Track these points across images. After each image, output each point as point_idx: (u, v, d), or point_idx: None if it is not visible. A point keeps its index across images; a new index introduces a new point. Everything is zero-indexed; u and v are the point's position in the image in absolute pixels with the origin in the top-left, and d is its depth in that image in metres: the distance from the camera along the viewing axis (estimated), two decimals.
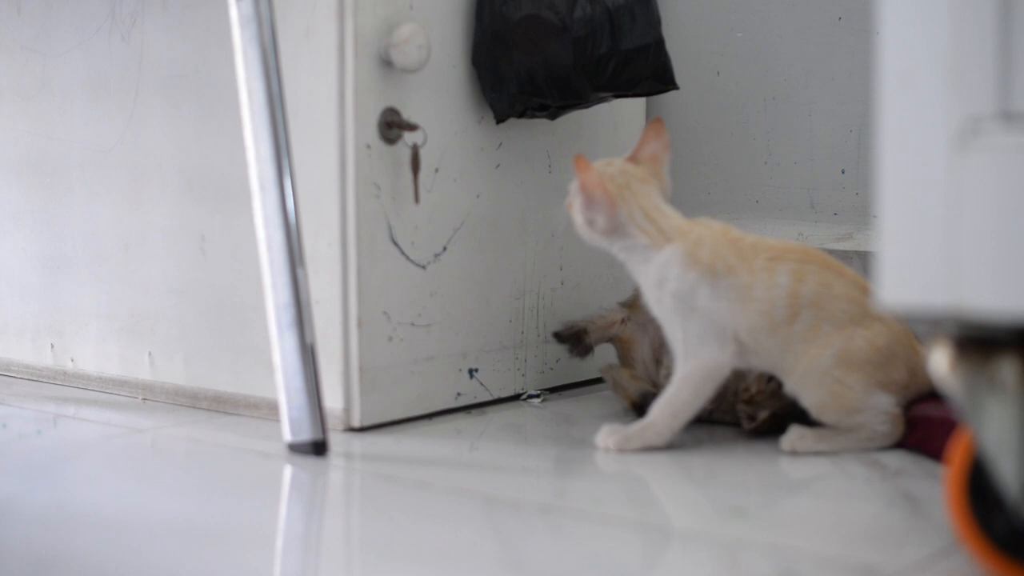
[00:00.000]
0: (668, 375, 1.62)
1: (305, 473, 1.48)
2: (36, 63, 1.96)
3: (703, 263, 1.51)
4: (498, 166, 1.80)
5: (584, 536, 1.26)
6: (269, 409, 1.70)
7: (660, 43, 1.77)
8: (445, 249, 1.73)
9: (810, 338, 1.51)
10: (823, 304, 1.51)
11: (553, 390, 1.90)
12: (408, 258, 1.69)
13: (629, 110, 1.98)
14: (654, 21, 1.76)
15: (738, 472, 1.50)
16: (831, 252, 1.89)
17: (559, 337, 1.84)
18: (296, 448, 1.52)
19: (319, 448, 1.51)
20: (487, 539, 1.25)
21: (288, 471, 1.48)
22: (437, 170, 1.71)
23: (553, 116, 1.77)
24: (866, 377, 1.52)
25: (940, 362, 1.02)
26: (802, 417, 1.55)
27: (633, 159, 1.58)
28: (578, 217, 1.56)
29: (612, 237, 1.55)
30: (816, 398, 1.52)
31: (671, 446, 1.56)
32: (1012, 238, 0.95)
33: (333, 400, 1.63)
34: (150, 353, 1.85)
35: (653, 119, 1.60)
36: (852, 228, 1.91)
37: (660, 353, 1.73)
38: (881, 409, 1.53)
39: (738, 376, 1.62)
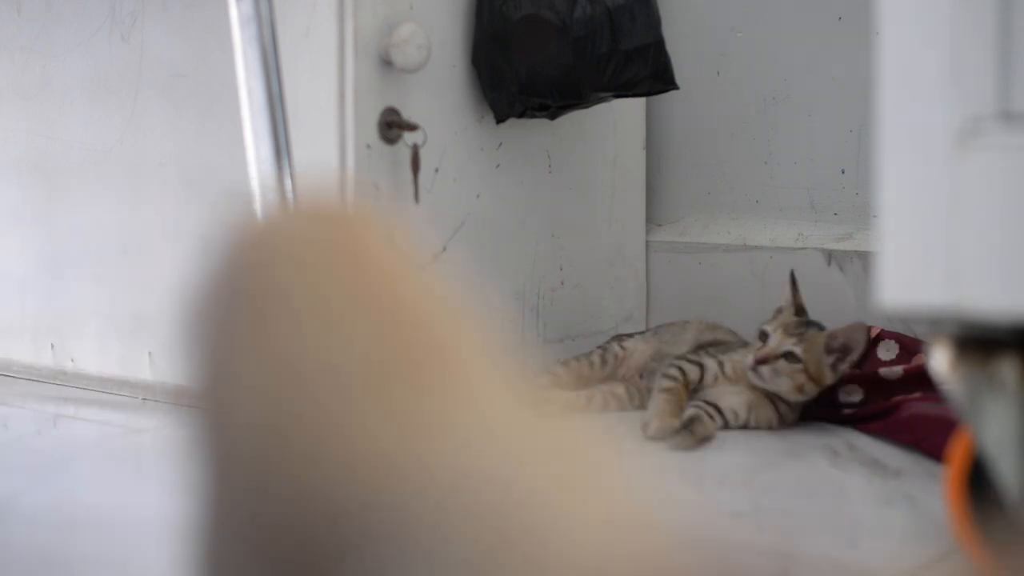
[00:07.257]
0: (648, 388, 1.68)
1: None
2: (36, 63, 1.95)
3: None
4: (498, 166, 1.80)
5: None
6: None
7: (660, 43, 1.76)
8: (445, 249, 1.73)
9: None
10: None
11: None
12: None
13: (629, 110, 1.98)
14: (654, 21, 1.76)
15: (738, 473, 1.50)
16: (831, 252, 1.89)
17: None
18: None
19: None
20: None
21: None
22: (437, 170, 1.71)
23: (553, 116, 1.77)
24: None
25: (940, 362, 1.01)
26: None
27: None
28: None
29: None
30: None
31: (669, 448, 1.56)
32: (1012, 238, 0.95)
33: None
34: (150, 353, 1.85)
35: None
36: (852, 228, 1.91)
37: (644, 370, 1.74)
38: None
39: None
